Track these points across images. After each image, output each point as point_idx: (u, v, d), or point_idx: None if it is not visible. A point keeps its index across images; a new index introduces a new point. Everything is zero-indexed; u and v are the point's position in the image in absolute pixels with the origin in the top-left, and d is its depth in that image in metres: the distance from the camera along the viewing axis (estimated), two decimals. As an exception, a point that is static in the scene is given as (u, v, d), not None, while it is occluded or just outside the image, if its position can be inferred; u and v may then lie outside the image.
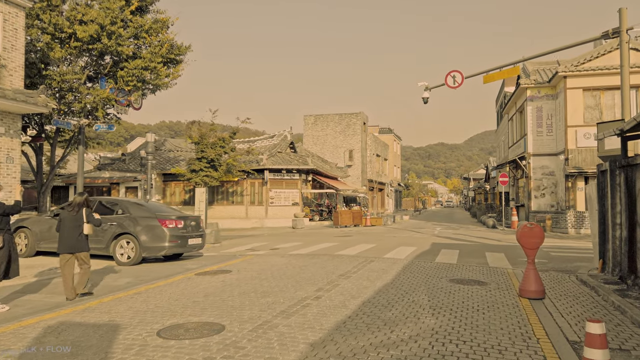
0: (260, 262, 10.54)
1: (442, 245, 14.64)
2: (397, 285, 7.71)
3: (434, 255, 11.96)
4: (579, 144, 21.01)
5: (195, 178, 22.28)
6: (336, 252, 12.50)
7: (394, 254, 12.16)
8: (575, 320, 5.74)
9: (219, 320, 5.53)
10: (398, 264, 10.03)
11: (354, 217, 23.70)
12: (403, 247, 14.03)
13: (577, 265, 10.48)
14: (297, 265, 9.83)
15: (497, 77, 14.15)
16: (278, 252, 12.59)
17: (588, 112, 21.19)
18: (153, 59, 16.51)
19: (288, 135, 28.46)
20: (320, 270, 9.17)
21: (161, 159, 27.32)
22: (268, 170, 25.47)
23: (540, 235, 7.23)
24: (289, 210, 26.24)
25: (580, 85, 21.13)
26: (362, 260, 10.64)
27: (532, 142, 23.45)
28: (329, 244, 15.01)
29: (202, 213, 16.03)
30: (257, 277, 8.46)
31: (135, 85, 16.67)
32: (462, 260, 11.25)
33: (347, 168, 41.67)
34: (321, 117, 43.90)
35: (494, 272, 9.35)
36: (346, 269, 9.33)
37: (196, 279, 8.33)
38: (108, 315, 5.86)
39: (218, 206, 26.50)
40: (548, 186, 23.20)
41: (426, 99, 16.50)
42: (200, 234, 11.35)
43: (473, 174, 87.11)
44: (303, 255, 11.61)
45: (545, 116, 23.30)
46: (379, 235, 19.01)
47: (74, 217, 7.04)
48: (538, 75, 23.89)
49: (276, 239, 17.19)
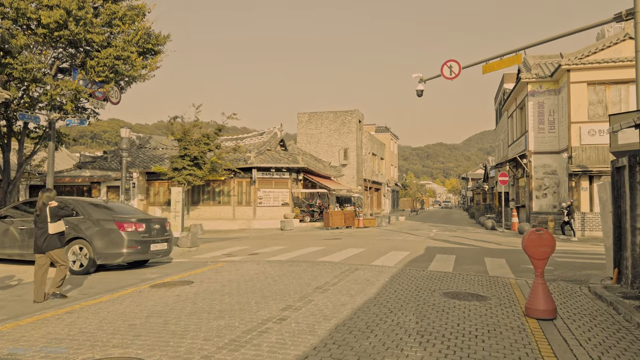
0: (231, 270, 9.35)
1: (437, 250, 13.48)
2: (381, 301, 6.54)
3: (427, 262, 10.80)
4: (583, 141, 19.88)
5: (178, 177, 21.13)
6: (319, 258, 11.32)
7: (384, 260, 10.99)
8: (598, 351, 4.58)
9: (146, 354, 4.35)
10: (386, 273, 8.86)
11: (346, 219, 22.49)
12: (395, 251, 12.86)
13: (588, 274, 9.33)
14: (270, 275, 8.65)
15: (497, 67, 12.97)
16: (255, 259, 11.41)
17: (592, 107, 20.05)
18: (126, 48, 15.31)
19: (278, 133, 27.24)
20: (295, 281, 7.99)
21: (145, 157, 26.11)
22: (256, 169, 24.26)
23: (551, 243, 6.07)
24: (279, 210, 25.04)
25: (585, 79, 20.00)
26: (346, 268, 9.46)
27: (533, 139, 22.31)
28: (315, 248, 13.83)
29: (179, 214, 14.83)
30: (219, 290, 7.28)
31: (107, 76, 15.45)
32: (459, 267, 10.09)
33: (342, 167, 40.50)
34: (315, 115, 42.71)
35: (494, 282, 8.19)
36: (325, 279, 8.15)
37: (148, 293, 7.14)
38: (13, 344, 4.67)
39: (204, 206, 25.30)
40: (550, 186, 22.06)
41: (420, 91, 15.32)
42: (166, 239, 10.16)
43: (471, 173, 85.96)
44: (281, 262, 10.43)
45: (547, 112, 22.16)
46: (370, 237, 17.84)
47: (40, 217, 6.75)
48: (539, 69, 22.75)
49: (259, 242, 16.01)
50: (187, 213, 25.27)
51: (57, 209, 6.87)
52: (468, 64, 13.86)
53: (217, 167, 21.67)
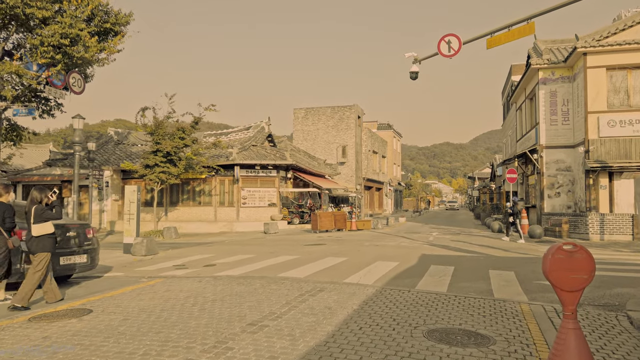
0: (159, 291, 7.28)
1: (433, 259, 11.33)
2: (333, 349, 4.43)
3: (417, 277, 8.67)
4: (602, 133, 17.63)
5: (150, 175, 19.13)
6: (283, 272, 9.22)
7: (363, 275, 8.87)
8: None
9: None
10: (358, 296, 6.74)
11: (337, 221, 20.33)
12: (381, 262, 10.73)
13: (620, 294, 7.18)
14: (203, 300, 6.56)
15: (504, 40, 10.81)
16: (204, 272, 9.33)
17: (612, 95, 17.79)
18: (74, 25, 13.30)
19: (265, 127, 25.13)
20: (228, 311, 5.90)
21: (122, 154, 24.15)
22: (239, 166, 22.16)
23: (588, 266, 3.93)
24: (265, 212, 22.96)
25: (604, 64, 17.75)
26: (309, 288, 7.35)
27: (544, 132, 20.06)
28: (288, 257, 11.72)
29: (133, 217, 12.80)
30: (113, 327, 5.20)
31: (53, 57, 13.45)
32: (456, 285, 7.96)
33: (340, 165, 38.39)
34: (312, 111, 40.59)
35: (500, 310, 6.05)
36: (271, 307, 6.05)
37: (11, 332, 5.08)
38: None
39: (183, 207, 23.27)
40: (564, 184, 19.80)
41: (415, 73, 13.19)
42: (87, 249, 8.10)
43: (478, 172, 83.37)
44: (231, 279, 8.33)
45: (560, 102, 19.90)
46: (359, 243, 15.71)
47: (26, 216, 6.37)
48: (552, 54, 20.50)
49: (229, 249, 13.94)
50: (165, 214, 23.28)
51: (41, 210, 6.34)
52: (470, 38, 11.70)
53: (193, 163, 19.63)
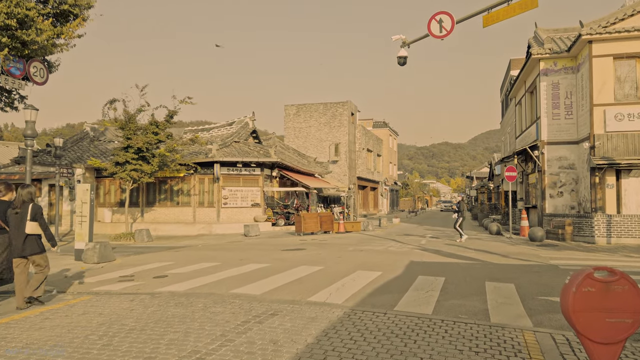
0: (74, 314, 5.86)
1: (422, 268, 9.93)
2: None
3: (399, 292, 7.26)
4: (609, 127, 16.25)
5: (121, 173, 17.69)
6: (239, 286, 7.78)
7: (334, 290, 7.45)
8: None
9: None
10: (318, 323, 5.33)
11: (323, 222, 18.87)
12: (362, 271, 9.32)
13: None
14: (118, 329, 5.14)
15: (503, 16, 9.41)
16: (148, 286, 7.90)
17: (620, 86, 16.41)
18: (21, 3, 11.86)
19: (250, 122, 23.67)
20: (139, 348, 4.48)
21: (97, 151, 22.70)
22: (219, 164, 20.69)
23: (634, 304, 2.54)
24: (248, 212, 21.52)
25: (611, 52, 16.36)
26: (261, 310, 5.94)
27: (546, 127, 18.66)
28: (257, 265, 10.29)
29: (85, 219, 11.36)
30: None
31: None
32: (445, 303, 6.56)
33: (333, 164, 36.96)
34: (304, 107, 39.14)
35: (498, 342, 4.66)
36: (199, 342, 4.63)
37: None
38: None
39: (160, 208, 21.81)
40: (567, 182, 18.42)
41: (403, 58, 11.78)
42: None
43: (476, 172, 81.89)
44: (172, 296, 6.91)
45: (563, 94, 18.51)
46: (343, 247, 14.30)
47: (19, 215, 6.14)
48: (554, 43, 19.11)
49: (197, 256, 12.52)
50: (141, 216, 21.84)
51: (39, 208, 6.33)
52: (463, 17, 10.29)
53: (167, 161, 18.20)
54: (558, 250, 13.76)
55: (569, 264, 10.71)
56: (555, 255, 12.38)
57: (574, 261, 11.19)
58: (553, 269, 9.95)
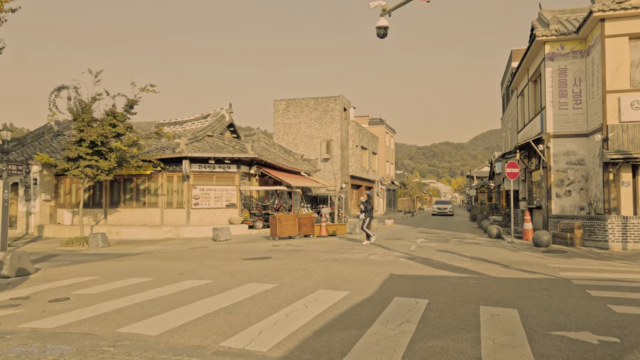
0: None
1: (403, 284, 7.94)
2: None
3: (361, 327, 5.28)
4: (624, 117, 14.25)
5: (73, 170, 15.72)
6: (139, 319, 5.77)
7: (266, 327, 5.46)
8: None
9: None
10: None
11: (302, 225, 16.83)
12: (323, 291, 7.34)
13: None
14: None
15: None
16: (18, 318, 5.93)
17: (637, 70, 14.41)
18: None
19: (226, 115, 21.66)
20: None
21: (59, 147, 20.75)
22: (189, 160, 18.69)
23: None
24: (222, 214, 19.53)
25: (626, 32, 14.37)
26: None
27: (552, 118, 16.66)
28: (196, 282, 8.30)
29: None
30: None
31: None
32: (420, 345, 4.57)
33: (324, 162, 34.98)
34: (294, 102, 37.14)
35: None
36: None
37: None
38: None
39: (125, 209, 19.81)
40: (576, 180, 16.40)
41: (383, 29, 9.81)
42: None
43: (477, 171, 79.89)
44: (34, 338, 4.95)
45: (571, 81, 16.50)
46: (316, 255, 12.28)
47: None
48: (560, 25, 17.10)
49: (134, 268, 10.53)
50: (104, 217, 19.86)
51: None
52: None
53: (127, 156, 16.23)
54: (567, 258, 11.78)
55: (583, 277, 8.72)
56: (565, 265, 10.41)
57: (589, 273, 9.20)
58: (565, 284, 7.98)
